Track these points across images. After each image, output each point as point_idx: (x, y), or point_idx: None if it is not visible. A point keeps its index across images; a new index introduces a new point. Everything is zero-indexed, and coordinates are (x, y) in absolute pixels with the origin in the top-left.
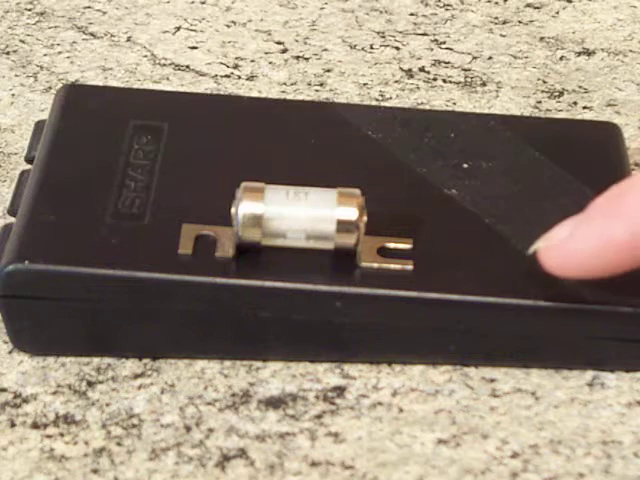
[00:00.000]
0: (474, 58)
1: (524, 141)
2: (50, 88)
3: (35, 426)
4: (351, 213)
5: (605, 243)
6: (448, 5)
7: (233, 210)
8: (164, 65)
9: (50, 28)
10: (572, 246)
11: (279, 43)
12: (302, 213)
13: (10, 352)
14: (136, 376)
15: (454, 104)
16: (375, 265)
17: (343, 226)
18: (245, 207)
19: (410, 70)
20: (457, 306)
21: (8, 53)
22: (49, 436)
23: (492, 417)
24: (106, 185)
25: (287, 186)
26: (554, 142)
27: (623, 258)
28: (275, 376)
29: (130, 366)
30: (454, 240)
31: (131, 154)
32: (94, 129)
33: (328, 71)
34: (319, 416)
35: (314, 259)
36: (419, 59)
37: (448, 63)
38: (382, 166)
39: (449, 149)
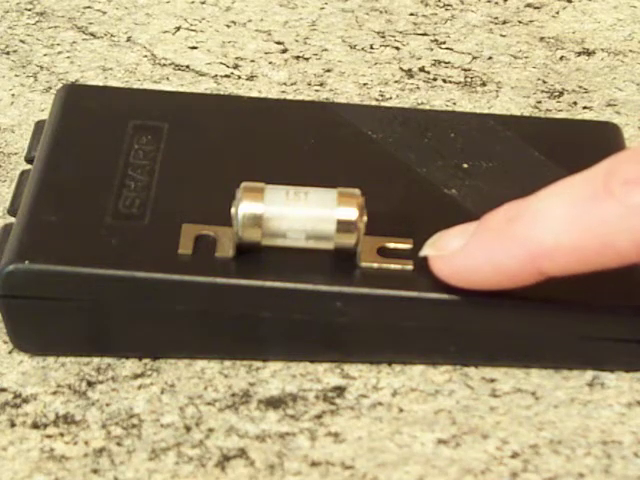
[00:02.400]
0: (474, 58)
1: (524, 141)
2: (50, 88)
3: (35, 426)
4: (351, 213)
5: (492, 266)
6: (448, 5)
7: (233, 210)
8: (164, 65)
9: (50, 28)
10: (461, 261)
11: (279, 43)
12: (302, 213)
13: (10, 352)
14: (136, 376)
15: (454, 104)
16: (375, 265)
17: (343, 226)
18: (245, 207)
19: (410, 70)
20: (457, 306)
21: (8, 53)
22: (49, 436)
23: (492, 417)
24: (106, 185)
25: (287, 186)
26: (554, 142)
27: (511, 280)
28: (275, 376)
29: (130, 366)
30: None
31: (131, 154)
32: (94, 129)
33: (328, 71)
34: (319, 416)
35: (314, 259)
36: (419, 59)
37: (448, 63)
38: (382, 166)
39: (449, 149)
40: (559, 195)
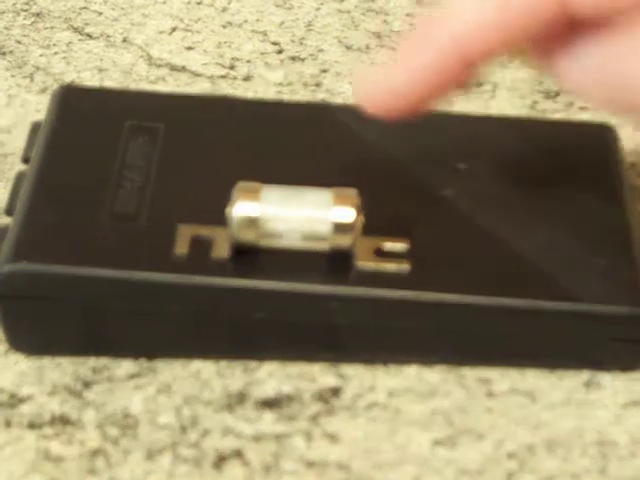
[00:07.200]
0: None
1: (520, 142)
2: (46, 89)
3: (31, 426)
4: (347, 214)
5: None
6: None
7: (229, 210)
8: (160, 66)
9: (46, 29)
10: (386, 85)
11: (275, 44)
12: (298, 214)
13: (6, 352)
14: (132, 376)
15: (451, 104)
16: (371, 266)
17: (339, 227)
18: (241, 207)
19: None
20: (454, 307)
21: (4, 54)
22: (45, 436)
23: (488, 418)
24: (102, 185)
25: (283, 186)
26: (550, 143)
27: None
28: (271, 376)
29: (126, 366)
30: (451, 240)
31: (127, 155)
32: (90, 130)
33: (324, 71)
34: (315, 416)
35: (310, 260)
36: None
37: None
38: (379, 166)
39: (446, 149)
40: None
